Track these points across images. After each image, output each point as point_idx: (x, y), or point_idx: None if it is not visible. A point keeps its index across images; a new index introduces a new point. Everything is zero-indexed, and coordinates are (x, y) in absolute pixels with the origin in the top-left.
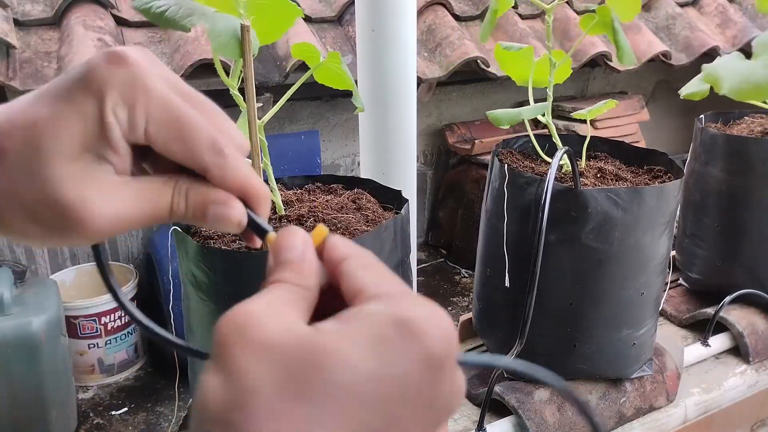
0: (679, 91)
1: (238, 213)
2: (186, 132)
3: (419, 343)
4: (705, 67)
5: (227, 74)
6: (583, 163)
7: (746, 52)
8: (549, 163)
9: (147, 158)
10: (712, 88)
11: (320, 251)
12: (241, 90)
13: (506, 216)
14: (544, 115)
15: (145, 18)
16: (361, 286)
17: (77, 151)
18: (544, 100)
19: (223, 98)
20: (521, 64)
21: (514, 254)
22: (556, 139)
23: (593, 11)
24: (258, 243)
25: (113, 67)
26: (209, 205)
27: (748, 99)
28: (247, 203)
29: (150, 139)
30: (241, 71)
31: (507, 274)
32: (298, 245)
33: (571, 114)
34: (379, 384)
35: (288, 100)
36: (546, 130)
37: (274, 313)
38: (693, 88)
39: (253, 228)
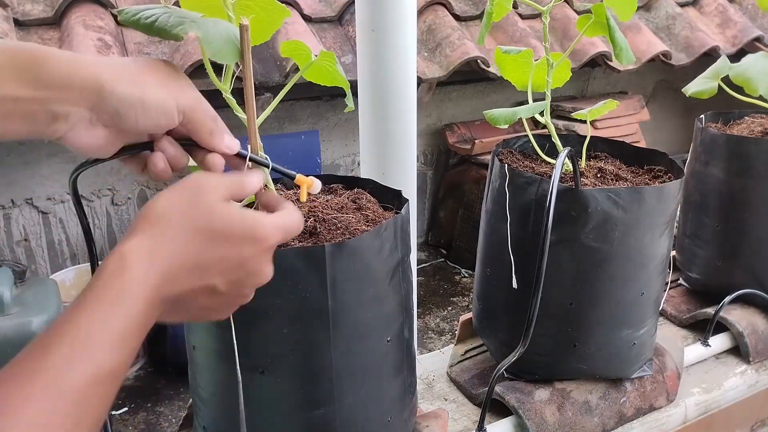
0: (683, 89)
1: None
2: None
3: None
4: (732, 67)
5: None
6: (583, 163)
7: (746, 52)
8: (549, 163)
9: None
10: (719, 87)
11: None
12: (238, 91)
13: (509, 217)
14: (542, 114)
15: (135, 30)
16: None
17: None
18: (543, 100)
19: (221, 99)
20: (520, 67)
21: (514, 254)
22: (556, 139)
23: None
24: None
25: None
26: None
27: None
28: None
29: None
30: (234, 73)
31: (514, 275)
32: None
33: (571, 114)
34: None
35: (288, 100)
36: (546, 130)
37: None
38: (700, 87)
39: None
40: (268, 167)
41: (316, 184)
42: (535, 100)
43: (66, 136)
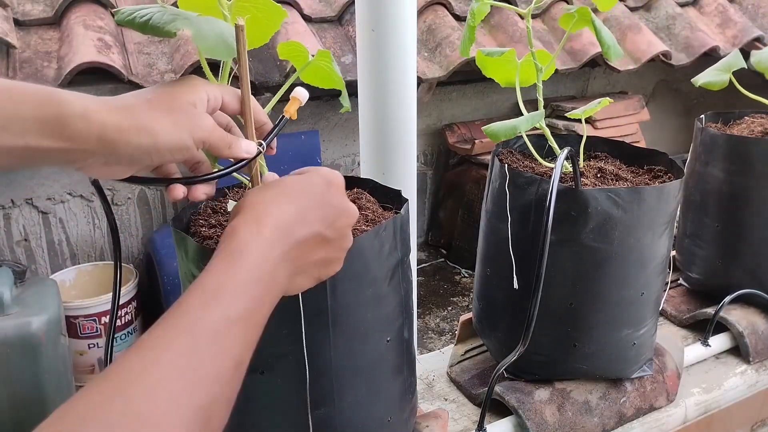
0: (693, 80)
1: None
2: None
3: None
4: (754, 53)
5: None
6: (581, 162)
7: (746, 51)
8: (549, 164)
9: None
10: (730, 80)
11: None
12: None
13: (509, 217)
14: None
15: (131, 29)
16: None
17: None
18: (537, 99)
19: None
20: (505, 68)
21: (514, 254)
22: (552, 142)
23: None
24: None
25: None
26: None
27: None
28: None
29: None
30: (231, 72)
31: (515, 275)
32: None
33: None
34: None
35: (288, 99)
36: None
37: None
38: (711, 78)
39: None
40: (289, 119)
41: (303, 94)
42: (528, 100)
43: (82, 169)
